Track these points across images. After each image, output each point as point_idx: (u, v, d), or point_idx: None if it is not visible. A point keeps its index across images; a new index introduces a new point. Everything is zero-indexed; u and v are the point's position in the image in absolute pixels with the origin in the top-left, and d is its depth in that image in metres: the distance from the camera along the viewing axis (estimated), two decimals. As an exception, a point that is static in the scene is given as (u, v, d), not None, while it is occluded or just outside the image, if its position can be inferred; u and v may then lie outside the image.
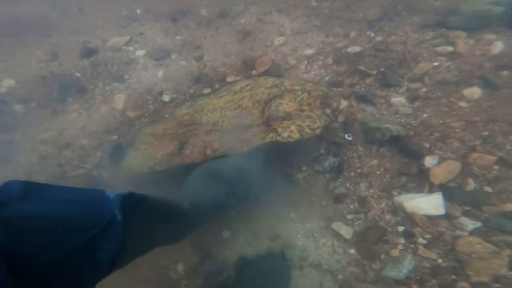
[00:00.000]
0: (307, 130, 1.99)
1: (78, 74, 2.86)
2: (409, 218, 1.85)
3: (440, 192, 1.85)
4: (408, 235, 1.79)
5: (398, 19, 2.95)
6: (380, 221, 1.92)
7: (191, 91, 2.62)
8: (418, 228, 1.80)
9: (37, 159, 2.30)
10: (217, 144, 2.09)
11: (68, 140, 2.40)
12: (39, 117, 2.60)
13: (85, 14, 3.76)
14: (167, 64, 2.88)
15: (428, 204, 1.84)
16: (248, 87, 2.44)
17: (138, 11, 3.55)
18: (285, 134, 1.99)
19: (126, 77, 2.85)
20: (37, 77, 2.84)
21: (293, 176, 2.25)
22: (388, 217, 1.93)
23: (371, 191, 2.09)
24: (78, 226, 0.84)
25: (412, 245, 1.75)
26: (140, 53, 3.02)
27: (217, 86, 2.65)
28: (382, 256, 1.77)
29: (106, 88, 2.85)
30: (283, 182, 2.25)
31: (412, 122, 2.26)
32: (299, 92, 2.30)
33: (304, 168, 2.30)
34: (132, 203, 1.10)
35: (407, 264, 1.65)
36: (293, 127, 2.03)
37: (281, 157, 2.24)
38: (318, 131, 1.98)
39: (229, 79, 2.67)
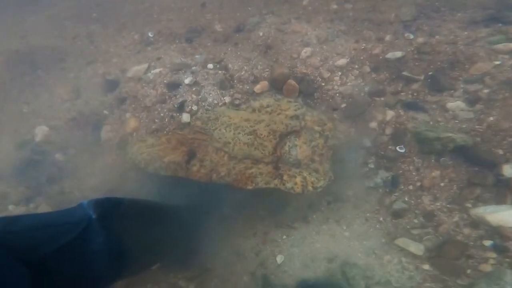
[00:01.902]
0: (309, 187, 2.05)
1: (106, 112, 2.86)
2: (496, 232, 1.75)
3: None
4: (500, 250, 1.71)
5: (438, 17, 2.81)
6: (457, 236, 1.84)
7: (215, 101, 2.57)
8: (511, 242, 1.71)
9: None
10: (224, 171, 2.13)
11: (112, 185, 2.44)
12: (80, 163, 2.63)
13: (95, 42, 3.66)
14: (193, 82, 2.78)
15: (516, 216, 1.76)
16: (269, 109, 2.43)
17: (150, 35, 3.47)
18: (289, 185, 2.05)
19: (149, 104, 2.74)
20: (68, 120, 2.86)
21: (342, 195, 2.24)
22: (466, 231, 1.84)
23: (438, 204, 2.01)
24: (62, 231, 1.08)
25: (507, 259, 1.67)
26: (158, 77, 2.88)
27: (239, 95, 2.61)
28: (468, 271, 1.69)
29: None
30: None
31: (477, 127, 2.13)
32: (317, 135, 2.32)
33: (353, 185, 2.25)
34: (109, 205, 1.31)
35: (510, 280, 1.58)
36: (298, 179, 2.08)
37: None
38: (319, 190, 2.05)
39: (256, 90, 2.61)
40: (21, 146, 2.73)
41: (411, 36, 2.65)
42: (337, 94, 2.53)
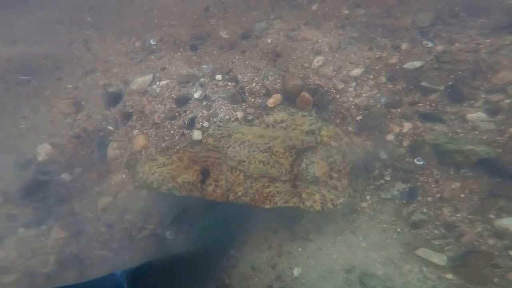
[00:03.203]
0: (329, 204, 2.12)
1: (110, 127, 2.83)
2: (523, 243, 1.84)
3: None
4: (527, 259, 1.81)
5: (458, 23, 2.85)
6: (481, 246, 1.91)
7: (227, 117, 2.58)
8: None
9: (104, 228, 2.37)
10: (241, 191, 2.17)
11: (124, 204, 2.44)
12: (88, 182, 2.62)
13: (93, 49, 3.55)
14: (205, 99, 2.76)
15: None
16: (283, 125, 2.47)
17: (152, 42, 3.40)
18: (308, 203, 2.10)
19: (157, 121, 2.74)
20: (71, 137, 2.81)
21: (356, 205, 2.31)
22: (491, 241, 1.91)
23: (459, 215, 2.08)
24: None
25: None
26: (165, 90, 2.84)
27: (252, 110, 2.60)
28: (496, 279, 1.76)
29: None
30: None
31: (498, 138, 2.16)
32: (334, 151, 2.36)
33: (368, 197, 2.32)
34: (139, 273, 1.49)
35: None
36: (317, 197, 2.14)
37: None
38: (339, 207, 2.12)
39: (270, 104, 2.60)
40: (24, 167, 2.72)
41: (430, 44, 2.65)
42: (353, 106, 2.55)
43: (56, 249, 2.27)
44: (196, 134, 2.45)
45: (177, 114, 2.58)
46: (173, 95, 2.70)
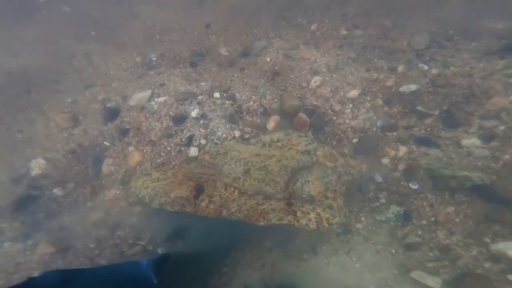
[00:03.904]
0: (324, 223, 2.13)
1: (106, 143, 2.86)
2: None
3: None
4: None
5: (451, 46, 2.89)
6: (477, 269, 1.93)
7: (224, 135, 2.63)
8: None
9: (94, 244, 2.35)
10: (235, 207, 2.19)
11: (116, 220, 2.45)
12: (80, 197, 2.62)
13: (94, 63, 3.61)
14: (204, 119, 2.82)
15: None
16: (279, 144, 2.51)
17: (153, 57, 3.47)
18: (303, 222, 2.12)
19: (154, 138, 2.78)
20: (66, 152, 2.83)
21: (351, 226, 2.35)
22: (487, 265, 1.94)
23: (453, 238, 2.11)
24: None
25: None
26: (163, 107, 2.91)
27: (249, 129, 2.65)
28: None
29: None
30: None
31: (492, 165, 2.20)
32: (329, 171, 2.39)
33: (363, 218, 2.35)
34: (161, 262, 1.55)
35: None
36: (312, 216, 2.16)
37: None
38: (334, 226, 2.15)
39: (269, 127, 2.64)
40: (16, 181, 2.74)
41: (425, 67, 2.71)
42: (349, 129, 2.57)
43: (41, 265, 2.25)
44: (193, 151, 2.49)
45: (173, 132, 2.62)
46: (170, 112, 2.75)
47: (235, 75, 3.18)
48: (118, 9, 4.37)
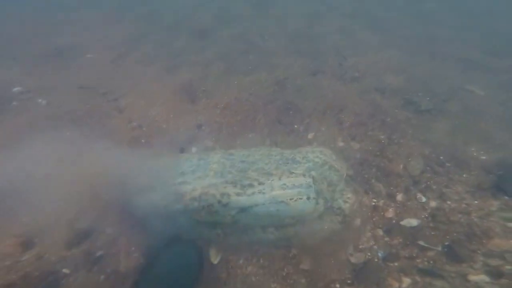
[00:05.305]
0: None
1: (66, 271, 2.42)
2: None
3: None
4: None
5: (444, 173, 3.10)
6: None
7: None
8: None
9: None
10: None
11: None
12: None
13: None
14: None
15: None
16: None
17: None
18: None
19: None
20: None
21: None
22: None
23: None
24: None
25: None
26: None
27: None
28: None
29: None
30: None
31: None
32: None
33: None
34: None
35: None
36: None
37: None
38: None
39: None
40: None
41: (423, 199, 2.81)
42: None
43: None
44: None
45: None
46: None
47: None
48: (102, 101, 4.23)
